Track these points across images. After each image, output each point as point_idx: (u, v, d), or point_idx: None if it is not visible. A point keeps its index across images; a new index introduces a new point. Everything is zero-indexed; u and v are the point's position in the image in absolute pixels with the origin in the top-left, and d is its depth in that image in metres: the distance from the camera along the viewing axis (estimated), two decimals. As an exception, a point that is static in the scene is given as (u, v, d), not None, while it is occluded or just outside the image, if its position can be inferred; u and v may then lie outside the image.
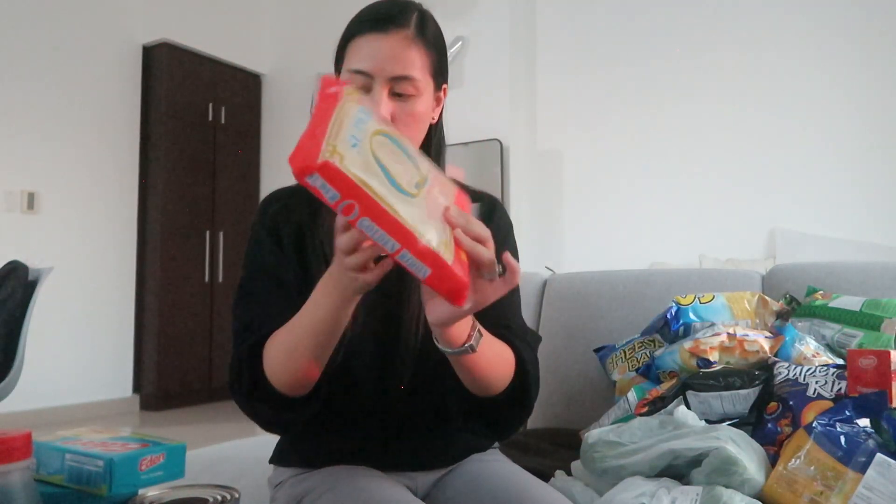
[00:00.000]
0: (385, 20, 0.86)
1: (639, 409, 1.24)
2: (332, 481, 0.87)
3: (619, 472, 1.00)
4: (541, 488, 0.89)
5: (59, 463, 0.56)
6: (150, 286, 4.45)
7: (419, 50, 0.87)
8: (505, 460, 1.02)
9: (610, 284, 1.66)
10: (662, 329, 1.40)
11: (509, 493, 0.86)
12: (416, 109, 0.88)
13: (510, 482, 0.89)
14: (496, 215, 1.03)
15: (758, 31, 3.62)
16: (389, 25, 0.86)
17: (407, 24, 0.87)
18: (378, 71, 0.85)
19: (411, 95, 0.87)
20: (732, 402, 1.13)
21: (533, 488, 0.88)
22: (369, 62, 0.85)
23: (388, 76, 0.85)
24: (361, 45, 0.86)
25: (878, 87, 3.35)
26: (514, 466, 0.98)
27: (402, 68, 0.86)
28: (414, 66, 0.87)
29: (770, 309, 1.38)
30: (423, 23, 0.89)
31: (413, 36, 0.87)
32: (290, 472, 0.96)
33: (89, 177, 4.23)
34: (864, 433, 0.93)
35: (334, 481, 0.87)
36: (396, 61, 0.85)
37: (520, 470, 0.97)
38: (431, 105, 0.92)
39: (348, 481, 0.86)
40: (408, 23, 0.87)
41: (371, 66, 0.85)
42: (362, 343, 0.92)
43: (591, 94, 4.05)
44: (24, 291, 1.16)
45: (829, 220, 3.36)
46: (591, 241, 3.93)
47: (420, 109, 0.89)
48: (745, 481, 0.92)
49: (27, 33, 3.95)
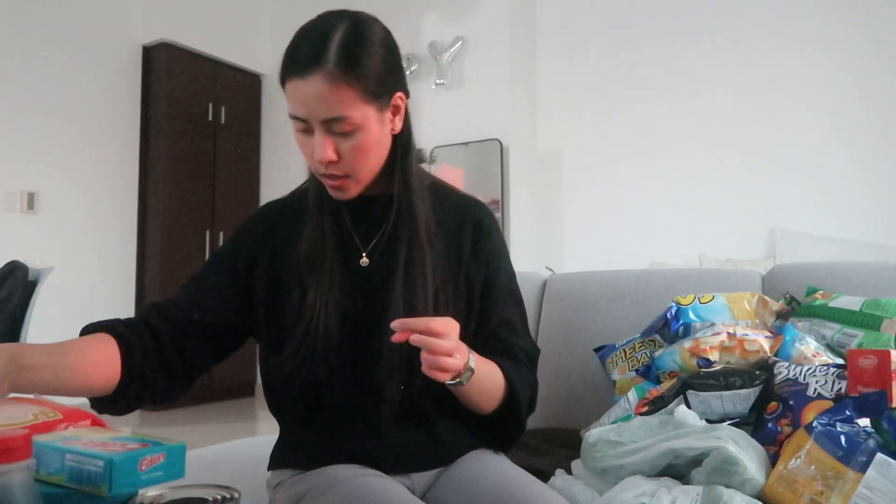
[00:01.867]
0: (303, 64, 0.83)
1: (639, 408, 1.24)
2: (332, 481, 0.87)
3: (619, 471, 1.00)
4: (538, 488, 0.89)
5: (59, 463, 0.56)
6: (150, 286, 4.44)
7: (344, 85, 0.83)
8: (502, 459, 1.02)
9: (610, 284, 1.66)
10: (662, 329, 1.40)
11: (506, 492, 0.86)
12: (359, 143, 0.87)
13: (508, 482, 0.89)
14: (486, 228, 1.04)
15: (758, 33, 3.62)
16: (308, 69, 0.83)
17: (325, 61, 0.82)
18: (310, 116, 0.85)
19: (349, 132, 0.86)
20: (733, 402, 1.13)
21: (530, 488, 0.88)
22: (300, 108, 0.85)
23: (320, 120, 0.85)
24: (290, 90, 0.85)
25: (878, 87, 3.35)
26: (512, 466, 0.98)
27: (329, 111, 0.84)
28: (342, 105, 0.84)
29: (770, 309, 1.38)
30: (346, 50, 0.84)
31: (334, 73, 0.82)
32: (289, 473, 0.96)
33: (89, 177, 4.23)
34: (864, 433, 0.93)
35: (334, 481, 0.87)
36: (322, 104, 0.84)
37: (517, 469, 0.97)
38: (379, 128, 0.89)
39: (347, 480, 0.86)
40: (326, 60, 0.82)
41: (302, 112, 0.85)
42: (353, 344, 0.93)
43: (591, 94, 4.05)
44: (24, 291, 1.16)
45: (829, 220, 3.36)
46: (591, 241, 3.93)
47: (364, 141, 0.87)
48: (745, 481, 0.92)
49: (27, 33, 3.95)
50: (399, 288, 0.92)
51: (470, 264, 1.00)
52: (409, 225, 0.94)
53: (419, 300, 0.92)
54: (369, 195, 0.96)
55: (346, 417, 0.94)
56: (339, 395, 0.94)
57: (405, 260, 0.93)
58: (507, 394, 0.96)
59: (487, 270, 1.01)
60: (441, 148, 4.17)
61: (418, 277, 0.92)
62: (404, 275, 0.93)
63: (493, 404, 0.95)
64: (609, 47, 4.02)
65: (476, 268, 1.00)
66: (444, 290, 0.96)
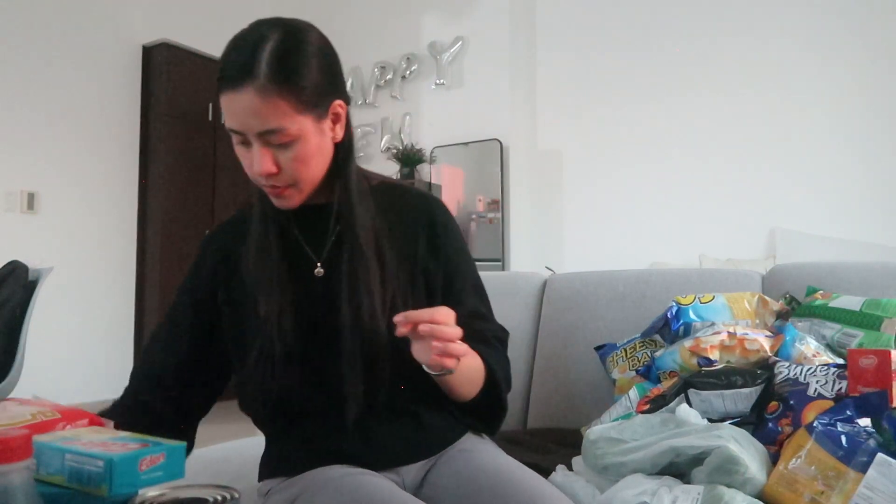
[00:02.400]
0: (234, 76, 0.81)
1: (640, 406, 1.24)
2: (322, 481, 0.87)
3: (620, 468, 1.00)
4: (533, 479, 0.89)
5: (59, 463, 0.55)
6: (150, 286, 4.44)
7: (277, 98, 0.81)
8: (496, 449, 1.02)
9: (610, 284, 1.66)
10: (663, 329, 1.40)
11: (500, 484, 0.86)
12: (298, 154, 0.86)
13: (501, 474, 0.89)
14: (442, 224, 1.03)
15: (759, 33, 3.62)
16: (239, 82, 0.81)
17: (257, 73, 0.81)
18: (245, 128, 0.84)
19: (286, 143, 0.85)
20: (734, 401, 1.13)
21: (529, 483, 0.88)
22: (234, 121, 0.84)
23: (255, 132, 0.83)
24: (224, 103, 0.84)
25: (879, 87, 3.35)
26: (506, 457, 0.98)
27: (263, 123, 0.82)
28: (276, 116, 0.82)
29: (770, 309, 1.38)
30: (278, 62, 0.82)
31: (265, 85, 0.81)
32: (278, 480, 0.95)
33: (89, 177, 4.23)
34: (864, 433, 0.93)
35: (324, 481, 0.87)
36: (256, 118, 0.82)
37: (507, 458, 0.96)
38: (318, 138, 0.88)
39: (337, 479, 0.86)
40: (258, 72, 0.81)
41: (237, 124, 0.84)
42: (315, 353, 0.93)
43: (591, 94, 4.05)
44: (24, 291, 1.16)
45: (829, 220, 3.36)
46: (591, 241, 3.93)
47: (304, 151, 0.86)
48: (746, 481, 0.91)
49: (27, 33, 3.95)
50: (345, 298, 0.92)
51: (428, 262, 0.99)
52: (350, 233, 0.94)
53: (366, 307, 0.91)
54: (315, 204, 0.95)
55: (322, 423, 0.94)
56: (309, 403, 0.94)
57: (347, 270, 0.92)
58: (486, 377, 0.97)
59: (447, 267, 1.01)
60: (441, 148, 4.17)
61: (360, 285, 0.92)
62: (348, 284, 0.92)
63: (475, 390, 0.97)
64: (609, 47, 4.02)
65: (435, 265, 1.00)
66: (402, 293, 0.95)
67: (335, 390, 0.93)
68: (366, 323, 0.91)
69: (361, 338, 0.92)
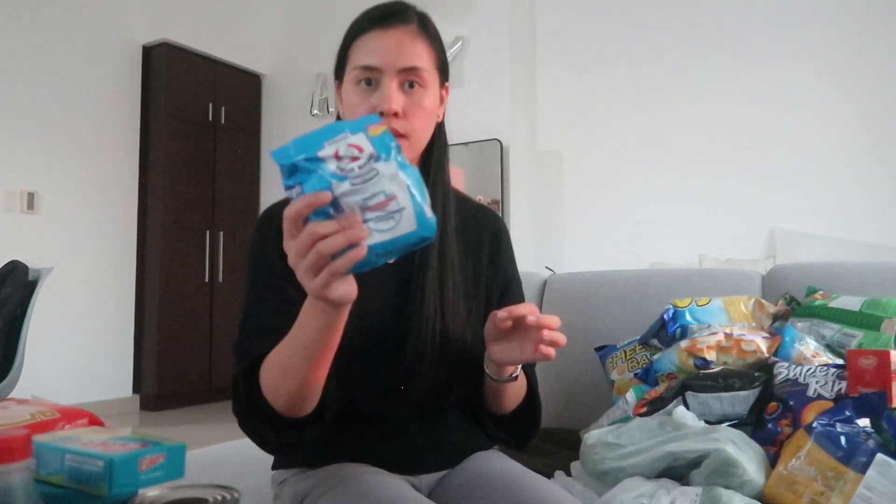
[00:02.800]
0: (388, 17, 0.89)
1: (637, 409, 1.24)
2: (338, 477, 0.87)
3: (618, 473, 1.00)
4: (544, 484, 0.89)
5: (59, 463, 0.55)
6: (150, 286, 4.44)
7: (424, 43, 0.90)
8: (506, 458, 1.02)
9: (610, 284, 1.66)
10: (659, 332, 1.40)
11: (513, 489, 0.86)
12: (424, 102, 0.90)
13: (514, 479, 0.89)
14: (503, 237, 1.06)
15: (758, 32, 3.62)
16: (392, 22, 0.88)
17: (410, 20, 0.90)
18: (386, 64, 0.87)
19: (420, 87, 0.89)
20: (732, 404, 1.13)
21: (537, 484, 0.88)
22: (377, 57, 0.87)
23: (397, 68, 0.87)
24: (366, 42, 0.88)
25: (877, 87, 3.35)
26: (516, 464, 0.98)
27: (409, 60, 0.88)
28: (420, 58, 0.89)
29: (766, 312, 1.38)
30: (424, 20, 0.92)
31: (416, 30, 0.89)
32: (293, 471, 0.95)
33: (89, 177, 4.23)
34: (864, 433, 0.93)
35: (339, 477, 0.87)
36: (403, 53, 0.87)
37: (522, 467, 0.97)
38: (437, 100, 0.94)
39: (353, 477, 0.86)
40: (410, 19, 0.90)
41: (379, 60, 0.87)
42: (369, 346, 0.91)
43: (591, 94, 4.05)
44: (24, 291, 1.16)
45: (829, 220, 3.35)
46: (591, 241, 3.93)
47: (428, 103, 0.91)
48: (744, 483, 0.92)
49: (27, 33, 3.95)
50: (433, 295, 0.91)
51: (488, 274, 1.01)
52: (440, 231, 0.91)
53: (449, 309, 0.92)
54: None
55: (352, 419, 0.93)
56: (347, 395, 0.92)
57: (438, 271, 0.92)
58: (528, 391, 0.98)
59: (503, 279, 1.03)
60: (441, 148, 4.16)
61: (448, 289, 0.92)
62: (438, 286, 0.91)
63: (516, 403, 0.97)
64: (609, 47, 4.02)
65: (493, 277, 1.01)
66: (467, 300, 0.95)
67: (387, 387, 0.92)
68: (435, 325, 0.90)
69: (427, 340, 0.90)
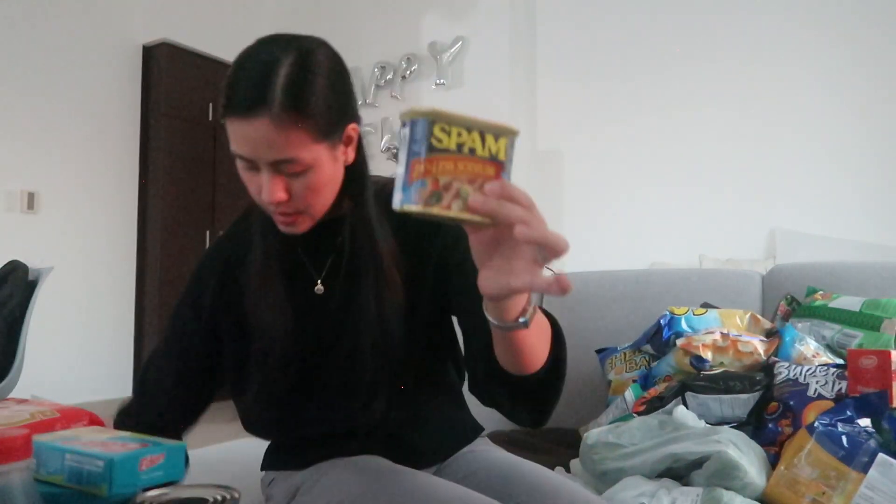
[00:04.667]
0: (245, 104, 0.76)
1: (636, 407, 1.23)
2: (329, 464, 0.88)
3: (618, 474, 1.00)
4: (538, 468, 0.89)
5: (59, 463, 0.55)
6: (150, 286, 4.44)
7: (293, 127, 0.76)
8: (497, 448, 1.02)
9: (610, 284, 1.66)
10: (654, 337, 1.39)
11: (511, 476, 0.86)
12: (310, 182, 0.81)
13: (512, 464, 0.90)
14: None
15: (759, 33, 3.62)
16: (251, 111, 0.75)
17: (271, 102, 0.75)
18: (255, 157, 0.78)
19: (299, 172, 0.80)
20: (731, 406, 1.13)
21: (532, 470, 0.88)
22: (245, 148, 0.78)
23: (267, 161, 0.78)
24: (233, 128, 0.78)
25: (877, 88, 3.35)
26: (508, 454, 0.98)
27: (276, 153, 0.77)
28: (290, 146, 0.77)
29: (762, 327, 1.37)
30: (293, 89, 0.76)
31: (280, 115, 0.75)
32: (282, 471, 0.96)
33: (89, 177, 4.22)
34: (865, 433, 0.93)
35: (331, 464, 0.87)
36: (269, 147, 0.77)
37: (514, 456, 0.96)
38: (332, 164, 0.83)
39: (345, 460, 0.87)
40: (272, 100, 0.75)
41: (247, 152, 0.79)
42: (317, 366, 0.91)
43: (591, 94, 4.05)
44: (24, 291, 1.16)
45: (829, 220, 3.35)
46: (591, 241, 3.93)
47: (317, 180, 0.81)
48: (745, 485, 0.91)
49: (27, 33, 3.95)
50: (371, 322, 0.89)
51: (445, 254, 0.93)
52: (369, 255, 0.89)
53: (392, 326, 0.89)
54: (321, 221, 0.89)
55: (339, 418, 0.93)
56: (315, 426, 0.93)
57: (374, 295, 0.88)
58: (553, 334, 0.79)
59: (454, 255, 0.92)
60: (441, 148, 4.16)
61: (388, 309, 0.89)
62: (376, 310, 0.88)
63: (542, 356, 0.76)
64: (610, 48, 4.02)
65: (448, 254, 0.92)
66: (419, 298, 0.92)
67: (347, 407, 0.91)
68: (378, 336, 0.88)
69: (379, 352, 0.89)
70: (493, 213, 0.57)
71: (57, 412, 0.69)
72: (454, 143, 0.59)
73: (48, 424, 0.67)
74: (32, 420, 0.66)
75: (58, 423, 0.67)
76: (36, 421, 0.66)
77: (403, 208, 0.57)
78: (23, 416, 0.67)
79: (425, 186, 0.57)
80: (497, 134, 0.60)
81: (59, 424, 0.67)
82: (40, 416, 0.67)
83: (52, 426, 0.66)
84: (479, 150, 0.59)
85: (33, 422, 0.66)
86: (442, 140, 0.58)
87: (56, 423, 0.67)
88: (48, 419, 0.67)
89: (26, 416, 0.67)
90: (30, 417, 0.67)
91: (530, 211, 0.59)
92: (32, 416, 0.67)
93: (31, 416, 0.67)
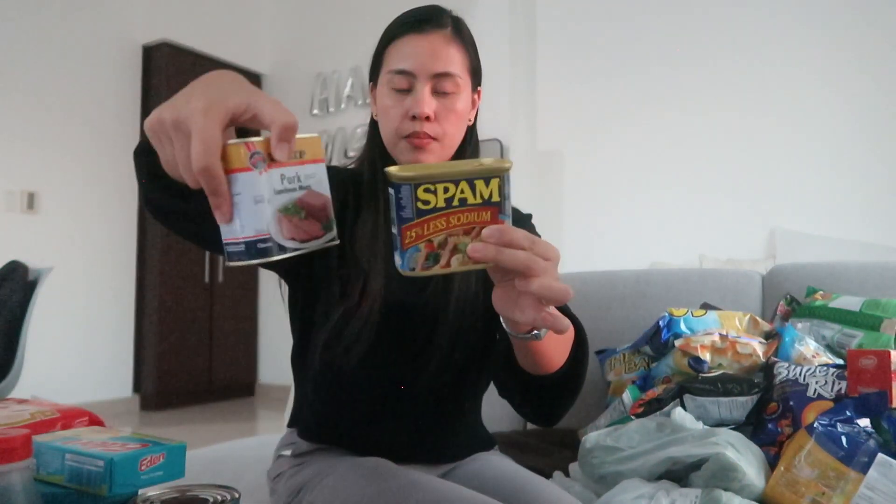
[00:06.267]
0: (423, 22, 0.90)
1: (634, 409, 1.23)
2: (332, 464, 0.88)
3: (617, 478, 1.00)
4: (542, 484, 0.89)
5: (59, 463, 0.55)
6: (150, 286, 4.44)
7: (458, 48, 0.91)
8: (507, 459, 1.02)
9: (610, 284, 1.66)
10: (653, 338, 1.39)
11: (511, 489, 0.86)
12: (456, 106, 0.91)
13: (512, 479, 0.90)
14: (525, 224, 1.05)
15: (758, 32, 3.63)
16: (428, 26, 0.90)
17: (444, 25, 0.91)
18: (420, 69, 0.88)
19: (452, 93, 0.90)
20: (730, 409, 1.13)
21: (535, 485, 0.88)
22: (411, 61, 0.89)
23: (430, 73, 0.88)
24: (402, 46, 0.90)
25: (876, 88, 3.35)
26: (517, 465, 0.98)
27: (442, 65, 0.89)
28: (453, 63, 0.90)
29: (761, 329, 1.37)
30: (459, 25, 0.93)
31: (451, 35, 0.91)
32: (288, 464, 0.96)
33: (89, 177, 4.23)
34: (865, 433, 0.93)
35: (334, 464, 0.88)
36: (437, 58, 0.89)
37: (523, 468, 0.97)
38: (468, 104, 0.94)
39: (349, 461, 0.88)
40: (445, 24, 0.91)
41: (413, 64, 0.88)
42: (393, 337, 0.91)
43: (591, 94, 4.05)
44: (24, 291, 1.16)
45: (829, 220, 3.36)
46: (591, 241, 3.93)
47: (460, 107, 0.91)
48: (744, 487, 0.91)
49: (27, 33, 3.95)
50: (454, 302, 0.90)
51: None
52: None
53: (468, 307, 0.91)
54: None
55: (368, 404, 0.94)
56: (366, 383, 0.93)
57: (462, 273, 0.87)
58: (576, 338, 0.82)
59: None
60: (441, 148, 4.16)
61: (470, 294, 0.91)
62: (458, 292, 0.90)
63: (560, 359, 0.79)
64: (610, 47, 4.02)
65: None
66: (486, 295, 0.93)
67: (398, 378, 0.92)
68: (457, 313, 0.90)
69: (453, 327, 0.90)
70: (493, 260, 0.58)
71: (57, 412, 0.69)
72: (442, 200, 0.58)
73: (48, 424, 0.67)
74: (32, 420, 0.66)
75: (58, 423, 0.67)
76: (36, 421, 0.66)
77: (403, 273, 0.58)
78: (23, 416, 0.67)
79: (419, 251, 0.57)
80: (487, 177, 0.59)
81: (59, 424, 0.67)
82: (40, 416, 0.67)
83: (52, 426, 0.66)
84: (471, 198, 0.58)
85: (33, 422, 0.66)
86: (429, 201, 0.57)
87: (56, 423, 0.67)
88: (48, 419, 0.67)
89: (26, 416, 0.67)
90: (30, 417, 0.67)
91: (531, 251, 0.59)
92: (32, 416, 0.67)
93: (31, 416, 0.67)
